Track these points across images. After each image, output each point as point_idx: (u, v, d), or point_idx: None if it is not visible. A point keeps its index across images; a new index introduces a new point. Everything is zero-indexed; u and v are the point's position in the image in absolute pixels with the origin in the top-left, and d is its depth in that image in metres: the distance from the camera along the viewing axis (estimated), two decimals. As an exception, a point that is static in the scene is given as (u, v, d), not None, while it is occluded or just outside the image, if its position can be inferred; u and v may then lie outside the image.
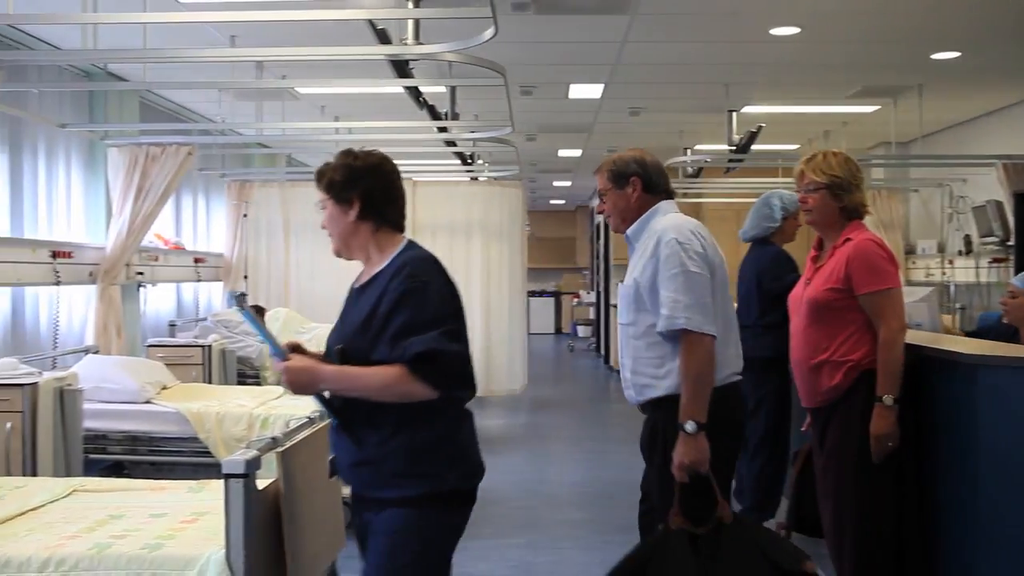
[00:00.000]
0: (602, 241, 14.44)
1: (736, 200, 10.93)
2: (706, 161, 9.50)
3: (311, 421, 2.93)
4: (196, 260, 8.50)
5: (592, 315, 16.66)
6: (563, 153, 11.73)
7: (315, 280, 8.80)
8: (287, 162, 10.61)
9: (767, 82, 7.53)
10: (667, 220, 2.83)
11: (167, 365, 6.03)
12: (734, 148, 8.22)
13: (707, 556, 2.57)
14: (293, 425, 2.84)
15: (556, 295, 20.17)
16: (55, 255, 6.01)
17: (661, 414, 2.78)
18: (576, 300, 18.36)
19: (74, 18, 4.70)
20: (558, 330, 20.16)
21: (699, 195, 11.54)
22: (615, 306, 12.87)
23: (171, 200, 7.02)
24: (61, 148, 6.62)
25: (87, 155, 6.92)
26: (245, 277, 8.98)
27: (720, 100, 7.92)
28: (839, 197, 3.17)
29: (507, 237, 8.69)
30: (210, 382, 6.49)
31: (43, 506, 3.07)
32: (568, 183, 15.43)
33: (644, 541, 2.80)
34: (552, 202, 19.16)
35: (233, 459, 2.30)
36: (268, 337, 2.28)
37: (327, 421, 3.06)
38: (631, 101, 8.29)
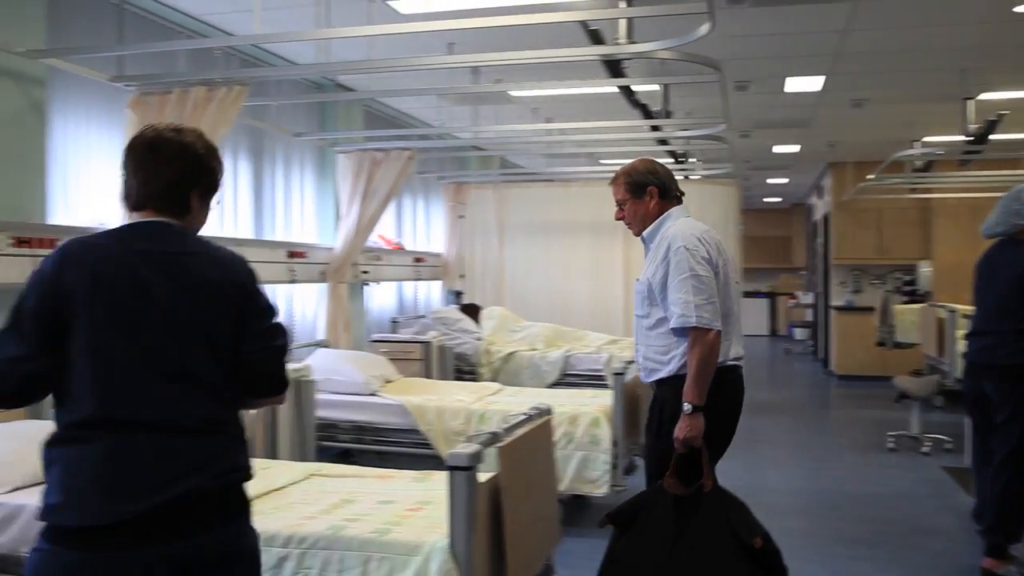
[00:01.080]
0: (821, 239, 13.82)
1: (972, 195, 10.15)
2: (938, 154, 8.86)
3: (529, 418, 2.98)
4: (416, 260, 8.89)
5: (810, 317, 15.97)
6: (778, 149, 11.32)
7: (529, 279, 9.00)
8: (501, 164, 10.88)
9: (1010, 65, 6.92)
10: (677, 226, 3.20)
11: (389, 360, 6.33)
12: (970, 139, 7.63)
13: (684, 515, 2.95)
14: (511, 421, 2.90)
15: (771, 296, 19.49)
16: (291, 255, 6.48)
17: (664, 391, 3.19)
18: (792, 301, 17.67)
19: (309, 35, 5.04)
20: (773, 332, 19.48)
21: (928, 190, 10.81)
22: (836, 308, 12.29)
23: (393, 202, 7.36)
24: (296, 156, 7.12)
25: (318, 162, 7.41)
26: (461, 276, 9.31)
27: (954, 87, 7.37)
28: (1102, 188, 2.85)
29: (721, 236, 8.43)
30: (429, 377, 6.77)
31: (285, 487, 3.31)
32: (784, 180, 14.87)
33: (640, 493, 3.13)
34: (766, 200, 18.54)
35: (457, 452, 2.37)
36: None
37: (546, 418, 3.12)
38: (854, 92, 7.87)
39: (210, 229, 6.02)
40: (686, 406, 3.00)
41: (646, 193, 3.29)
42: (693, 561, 2.86)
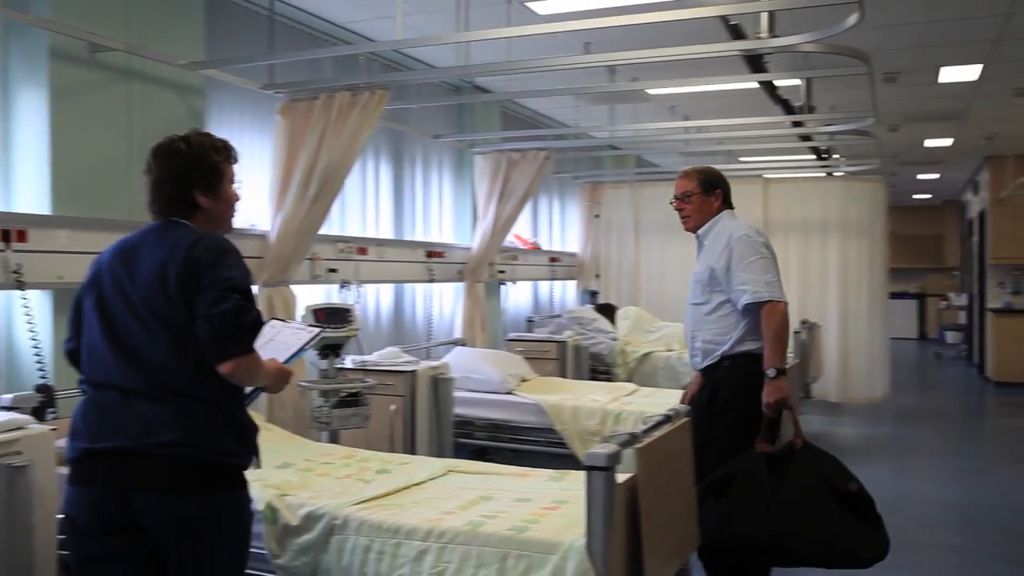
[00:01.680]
0: (976, 238, 13.08)
1: None
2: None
3: (668, 419, 2.94)
4: (551, 259, 8.93)
5: (963, 320, 15.14)
6: (930, 143, 10.79)
7: (665, 279, 8.89)
8: (637, 163, 10.79)
9: None
10: (734, 223, 3.58)
11: (525, 358, 6.37)
12: None
13: (779, 471, 3.14)
14: (650, 422, 2.87)
15: (920, 297, 18.59)
16: (429, 255, 6.62)
17: (720, 372, 3.47)
18: (944, 303, 16.80)
19: (448, 38, 5.13)
20: (922, 335, 18.58)
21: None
22: (993, 310, 11.61)
23: (529, 202, 7.42)
24: (435, 157, 7.26)
25: (456, 163, 7.54)
26: (597, 276, 9.29)
27: None
28: None
29: (866, 235, 8.21)
30: (564, 376, 6.78)
31: (424, 482, 3.37)
32: (935, 175, 14.16)
33: (732, 461, 3.24)
34: (915, 197, 17.70)
35: (596, 452, 2.36)
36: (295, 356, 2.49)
37: (684, 419, 3.08)
38: (1015, 81, 7.41)
39: (353, 230, 6.19)
40: (771, 372, 3.30)
41: (713, 193, 3.62)
42: (792, 509, 3.05)
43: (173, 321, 2.20)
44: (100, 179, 4.07)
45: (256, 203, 5.12)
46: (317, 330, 2.60)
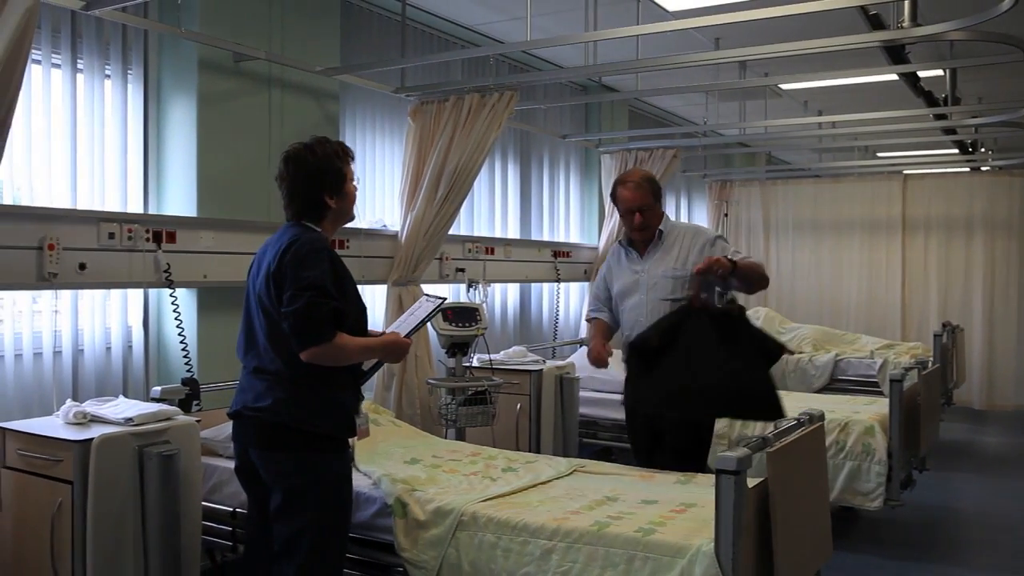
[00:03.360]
0: None
1: None
2: None
3: (799, 423, 2.86)
4: (678, 259, 8.80)
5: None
6: (1089, 134, 10.10)
7: (796, 279, 8.68)
8: (767, 160, 10.53)
9: None
10: (683, 223, 4.13)
11: (651, 359, 6.29)
12: None
13: (723, 326, 3.42)
14: (781, 426, 2.79)
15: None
16: (556, 255, 6.63)
17: None
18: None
19: (577, 38, 5.12)
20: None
21: None
22: None
23: (656, 202, 7.34)
24: (561, 157, 7.28)
25: (582, 162, 7.53)
26: (724, 276, 9.10)
27: None
28: None
29: (1016, 233, 7.81)
30: (691, 377, 6.66)
31: (550, 481, 3.38)
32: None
33: (673, 312, 3.55)
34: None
35: (725, 455, 2.31)
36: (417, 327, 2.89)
37: (818, 424, 2.98)
38: None
39: (481, 231, 6.24)
40: (737, 257, 3.53)
41: (659, 200, 3.81)
42: (737, 356, 3.39)
43: (271, 315, 2.61)
44: (242, 182, 4.26)
45: (387, 204, 5.25)
46: (439, 300, 2.92)
